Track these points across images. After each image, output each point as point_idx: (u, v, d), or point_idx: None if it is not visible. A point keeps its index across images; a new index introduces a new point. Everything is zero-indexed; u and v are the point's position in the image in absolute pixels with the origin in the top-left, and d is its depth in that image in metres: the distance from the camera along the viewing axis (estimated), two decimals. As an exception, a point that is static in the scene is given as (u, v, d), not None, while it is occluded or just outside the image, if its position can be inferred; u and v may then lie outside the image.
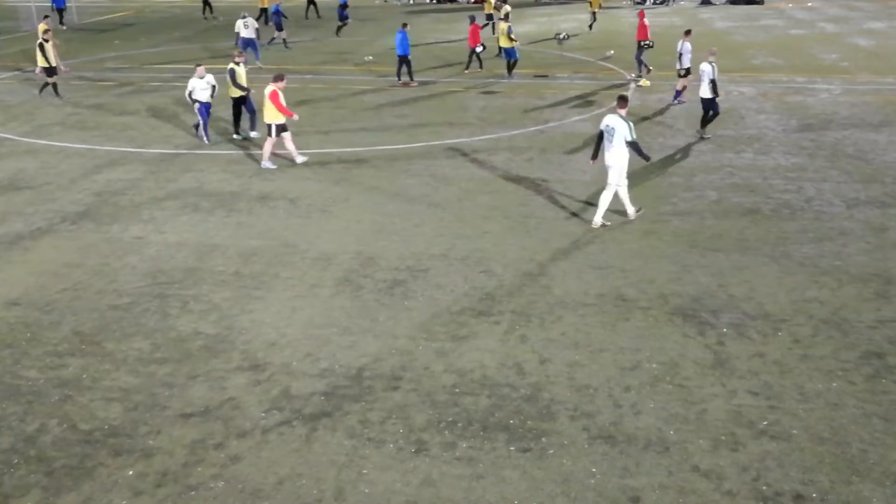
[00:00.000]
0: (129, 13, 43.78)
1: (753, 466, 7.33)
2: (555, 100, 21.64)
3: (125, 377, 8.93)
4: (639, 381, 8.67)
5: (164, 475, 7.36)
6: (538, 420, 8.04)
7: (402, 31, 23.48)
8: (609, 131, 12.45)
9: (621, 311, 10.17)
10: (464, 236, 12.62)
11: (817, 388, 8.48)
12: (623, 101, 12.65)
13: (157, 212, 13.92)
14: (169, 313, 10.34)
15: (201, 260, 11.93)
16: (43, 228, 13.25)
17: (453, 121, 19.51)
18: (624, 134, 12.31)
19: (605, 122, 12.58)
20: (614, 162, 12.48)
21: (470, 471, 7.35)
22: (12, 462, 7.57)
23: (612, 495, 7.01)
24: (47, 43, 22.08)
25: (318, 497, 7.07)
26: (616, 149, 12.40)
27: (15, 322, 10.19)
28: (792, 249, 11.94)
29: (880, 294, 10.52)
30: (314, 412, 8.23)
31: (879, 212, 13.35)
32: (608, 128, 12.48)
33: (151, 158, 17.07)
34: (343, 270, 11.48)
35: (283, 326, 9.94)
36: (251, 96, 18.14)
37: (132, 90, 23.94)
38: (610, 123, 12.47)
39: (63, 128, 19.60)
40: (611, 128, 12.44)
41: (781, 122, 19.09)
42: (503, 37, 24.47)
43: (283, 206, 14.08)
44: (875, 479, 7.14)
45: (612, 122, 12.46)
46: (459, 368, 8.96)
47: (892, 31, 33.28)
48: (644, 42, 23.65)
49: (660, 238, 12.43)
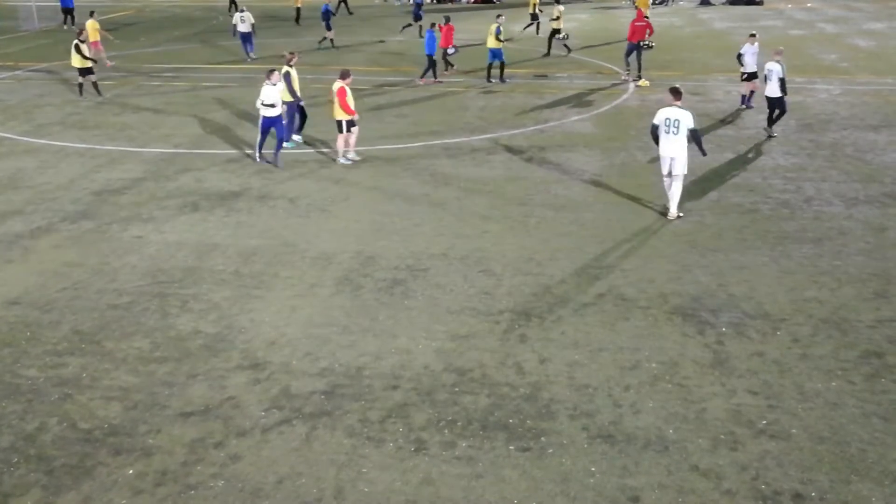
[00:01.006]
0: (129, 12, 43.77)
1: (753, 466, 7.33)
2: (554, 99, 21.65)
3: (125, 376, 8.93)
4: (638, 380, 8.68)
5: (163, 474, 7.37)
6: (538, 419, 8.05)
7: (430, 31, 23.43)
8: (672, 123, 12.53)
9: (621, 311, 10.17)
10: (463, 236, 12.62)
11: (816, 388, 8.49)
12: (677, 93, 12.71)
13: (156, 211, 13.92)
14: (169, 312, 10.34)
15: (201, 259, 11.93)
16: (42, 228, 13.25)
17: (453, 120, 19.51)
18: (688, 124, 12.47)
19: (663, 116, 12.68)
20: (678, 153, 12.63)
21: (469, 470, 7.35)
22: (12, 461, 7.58)
23: (612, 495, 7.02)
24: (83, 43, 22.21)
25: (317, 496, 7.07)
26: (681, 139, 12.54)
27: (15, 321, 10.19)
28: (791, 249, 11.95)
29: (879, 294, 10.53)
30: (314, 411, 8.23)
31: (879, 212, 13.36)
32: (669, 120, 12.56)
33: (151, 158, 17.07)
34: (343, 270, 11.49)
35: (282, 325, 9.95)
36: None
37: (132, 89, 23.93)
38: (670, 116, 12.57)
39: (62, 127, 19.59)
40: (673, 119, 12.52)
41: (781, 122, 19.08)
42: (490, 37, 23.21)
43: (282, 205, 14.08)
44: (874, 478, 7.15)
45: (672, 114, 12.57)
46: (459, 368, 8.97)
47: (891, 31, 33.28)
48: (644, 42, 23.61)
49: (659, 237, 12.44)
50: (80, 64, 22.22)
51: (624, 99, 21.68)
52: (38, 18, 38.33)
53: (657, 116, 12.84)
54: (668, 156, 12.78)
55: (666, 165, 12.92)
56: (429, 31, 23.43)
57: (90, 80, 22.48)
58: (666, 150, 12.77)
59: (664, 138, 12.72)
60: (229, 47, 30.53)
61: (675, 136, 12.59)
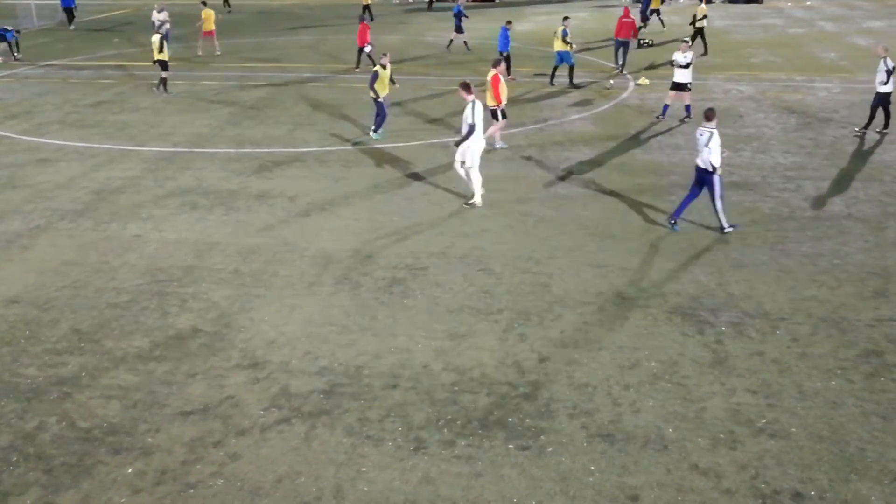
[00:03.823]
0: (128, 11, 43.72)
1: (752, 465, 7.33)
2: (554, 98, 21.63)
3: (124, 375, 8.93)
4: (638, 379, 8.68)
5: (163, 473, 7.37)
6: (537, 418, 8.05)
7: (504, 28, 23.54)
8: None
9: (620, 310, 10.17)
10: (463, 235, 12.62)
11: (816, 387, 8.49)
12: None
13: (155, 210, 13.92)
14: (168, 311, 10.34)
15: (200, 258, 11.93)
16: (42, 226, 13.25)
17: (452, 119, 19.49)
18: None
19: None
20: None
21: (469, 469, 7.35)
22: (11, 460, 7.57)
23: (611, 493, 7.02)
24: (163, 39, 22.63)
25: (316, 495, 7.07)
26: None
27: (14, 320, 10.19)
28: (791, 248, 11.95)
29: (879, 293, 10.53)
30: (313, 410, 8.23)
31: (878, 210, 13.36)
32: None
33: (150, 156, 17.06)
34: (342, 269, 11.48)
35: (281, 325, 9.95)
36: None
37: (131, 88, 23.92)
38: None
39: (62, 126, 19.58)
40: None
41: (780, 120, 19.10)
42: (557, 40, 22.50)
43: (282, 204, 14.08)
44: (873, 477, 7.15)
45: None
46: (458, 367, 8.97)
47: (891, 30, 33.27)
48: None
49: (659, 237, 12.44)
50: (160, 58, 22.69)
51: (623, 98, 21.67)
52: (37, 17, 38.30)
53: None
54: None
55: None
56: (503, 28, 23.59)
57: (166, 75, 23.01)
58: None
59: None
60: (229, 46, 30.50)
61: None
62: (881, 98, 17.21)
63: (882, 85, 17.11)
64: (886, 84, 17.04)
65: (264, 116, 20.23)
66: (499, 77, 16.15)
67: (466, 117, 13.42)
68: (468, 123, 13.37)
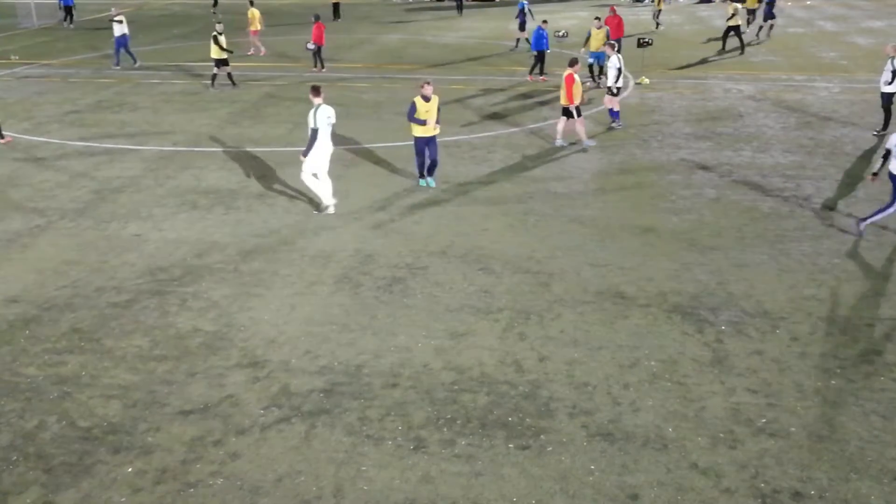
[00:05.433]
0: (128, 10, 43.69)
1: (752, 464, 7.34)
2: (553, 97, 21.61)
3: (124, 374, 8.93)
4: (637, 378, 8.68)
5: (163, 472, 7.37)
6: (537, 417, 8.05)
7: (539, 28, 23.75)
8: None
9: (620, 309, 10.18)
10: (462, 234, 12.62)
11: (816, 386, 8.49)
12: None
13: (155, 209, 13.92)
14: (168, 310, 10.34)
15: (200, 257, 11.93)
16: (41, 226, 13.25)
17: (452, 118, 19.50)
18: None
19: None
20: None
21: (468, 468, 7.35)
22: (11, 459, 7.57)
23: (611, 493, 7.02)
24: (221, 35, 22.92)
25: (316, 494, 7.08)
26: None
27: (14, 319, 10.19)
28: (790, 247, 11.95)
29: (879, 292, 10.53)
30: (313, 409, 8.24)
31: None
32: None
33: (150, 156, 17.06)
34: (342, 268, 11.49)
35: (282, 324, 9.95)
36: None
37: (131, 87, 23.92)
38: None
39: (61, 125, 19.58)
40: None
41: (780, 120, 19.10)
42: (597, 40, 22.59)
43: (281, 203, 14.08)
44: (873, 476, 7.16)
45: None
46: (458, 366, 8.97)
47: (891, 29, 33.27)
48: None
49: (659, 236, 12.44)
50: (218, 55, 23.00)
51: (623, 97, 21.66)
52: (37, 16, 38.29)
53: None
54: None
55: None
56: (538, 28, 23.77)
57: (225, 71, 23.32)
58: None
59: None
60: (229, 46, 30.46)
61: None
62: (887, 98, 17.28)
63: (887, 84, 17.14)
64: (891, 84, 17.06)
65: (264, 115, 20.25)
66: (573, 76, 16.27)
67: (309, 122, 12.93)
68: (310, 128, 12.91)
